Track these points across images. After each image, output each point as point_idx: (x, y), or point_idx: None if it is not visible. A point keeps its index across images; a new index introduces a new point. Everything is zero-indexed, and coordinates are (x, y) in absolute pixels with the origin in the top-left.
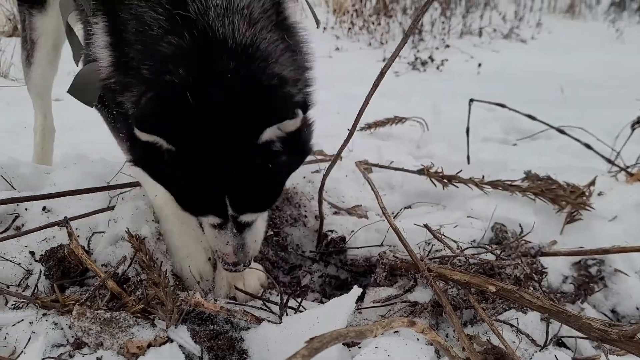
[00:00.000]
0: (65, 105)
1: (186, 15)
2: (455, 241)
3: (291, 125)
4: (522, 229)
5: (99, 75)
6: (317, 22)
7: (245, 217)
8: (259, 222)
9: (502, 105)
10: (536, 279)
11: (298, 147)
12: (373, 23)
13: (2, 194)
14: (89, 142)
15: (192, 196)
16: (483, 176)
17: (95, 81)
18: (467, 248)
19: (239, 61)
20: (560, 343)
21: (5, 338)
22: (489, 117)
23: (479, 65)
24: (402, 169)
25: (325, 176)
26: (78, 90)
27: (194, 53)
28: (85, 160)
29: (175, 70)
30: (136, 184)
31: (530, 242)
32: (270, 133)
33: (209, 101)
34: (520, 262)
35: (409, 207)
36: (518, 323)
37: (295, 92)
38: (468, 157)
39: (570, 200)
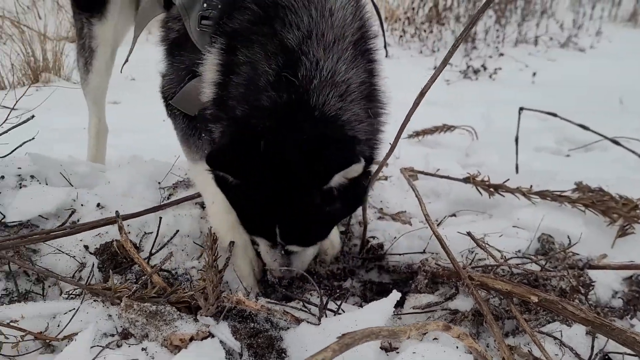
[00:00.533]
0: (122, 108)
1: (292, 80)
2: (499, 251)
3: (354, 171)
4: (570, 240)
5: (199, 92)
6: (386, 49)
7: (293, 248)
8: (309, 249)
9: (554, 115)
10: (582, 292)
11: (354, 195)
12: (425, 31)
13: (60, 190)
14: (143, 143)
15: (249, 219)
16: (531, 186)
17: (196, 97)
18: (511, 258)
19: (318, 126)
20: (606, 359)
21: (58, 325)
22: (542, 127)
23: (534, 74)
24: (448, 177)
25: (370, 182)
26: (183, 102)
27: (283, 111)
28: (138, 160)
29: (262, 118)
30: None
31: (578, 254)
32: (336, 179)
33: (279, 147)
34: (566, 274)
35: (454, 215)
36: (562, 336)
37: (365, 149)
38: (517, 166)
39: (622, 213)
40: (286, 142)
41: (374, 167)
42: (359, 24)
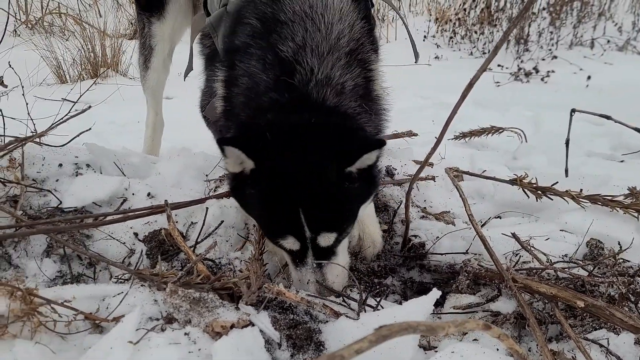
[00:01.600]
0: (175, 103)
1: (290, 82)
2: (545, 254)
3: (370, 159)
4: (620, 247)
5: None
6: (417, 56)
7: (322, 240)
8: (340, 257)
9: (607, 117)
10: (632, 300)
11: (371, 178)
12: (476, 32)
13: (113, 179)
14: (194, 137)
15: (271, 217)
16: (581, 190)
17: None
18: (558, 262)
19: (321, 115)
20: None
21: (107, 308)
22: (596, 132)
23: (589, 77)
24: (494, 178)
25: (412, 181)
26: (211, 112)
27: (286, 106)
28: (187, 153)
29: (264, 115)
30: None
31: (629, 261)
32: (357, 164)
33: (291, 137)
34: (615, 281)
35: (499, 217)
36: (608, 344)
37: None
38: (566, 170)
39: None
40: (298, 126)
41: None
42: (356, 36)
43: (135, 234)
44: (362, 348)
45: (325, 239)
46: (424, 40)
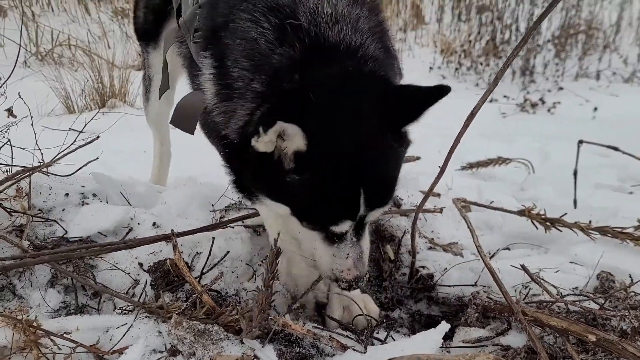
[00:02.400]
0: (181, 132)
1: (299, 25)
2: (555, 286)
3: None
4: (632, 279)
5: (199, 105)
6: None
7: (372, 216)
8: (367, 234)
9: (615, 148)
10: None
11: (406, 137)
12: (481, 64)
13: (119, 209)
14: (200, 166)
15: (324, 200)
16: (590, 221)
17: (194, 112)
18: (568, 295)
19: (353, 61)
20: None
21: (110, 339)
22: (604, 163)
23: (595, 109)
24: (502, 209)
25: (417, 211)
26: (179, 120)
27: (307, 59)
28: (193, 182)
29: (290, 78)
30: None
31: None
32: None
33: (338, 97)
34: (627, 314)
35: (508, 248)
36: None
37: None
38: (575, 201)
39: None
40: (341, 82)
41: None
42: None
43: (140, 264)
44: None
45: (376, 214)
46: (429, 71)
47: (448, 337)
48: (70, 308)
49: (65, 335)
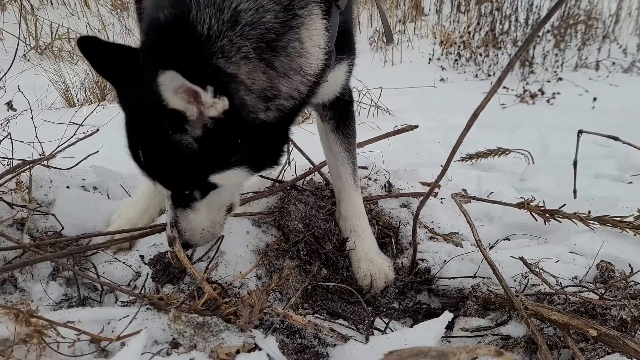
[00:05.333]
0: None
1: None
2: (554, 276)
3: (211, 106)
4: (632, 269)
5: None
6: (390, 37)
7: (164, 191)
8: (197, 214)
9: (615, 138)
10: None
11: (225, 142)
12: (481, 55)
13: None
14: None
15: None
16: (589, 211)
17: None
18: (568, 286)
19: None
20: None
21: (112, 331)
22: (603, 153)
23: (594, 99)
24: (501, 202)
25: (419, 207)
26: None
27: (162, 27)
28: None
29: (147, 33)
30: None
31: None
32: (178, 103)
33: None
34: (627, 304)
35: (507, 238)
36: None
37: (248, 96)
38: (574, 191)
39: None
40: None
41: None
42: None
43: (142, 257)
44: None
45: (165, 192)
46: (429, 62)
47: (448, 327)
48: (72, 300)
49: (68, 324)
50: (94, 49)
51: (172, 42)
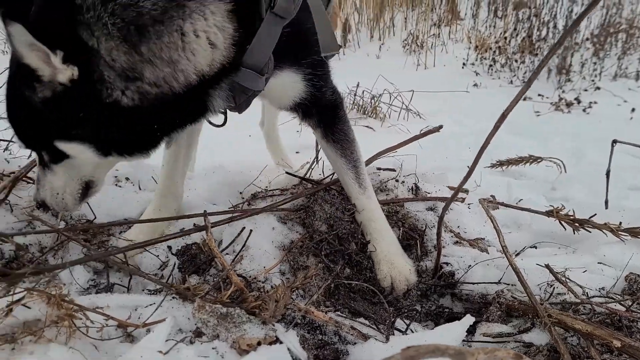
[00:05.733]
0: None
1: None
2: (581, 286)
3: (60, 72)
4: None
5: None
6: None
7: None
8: (53, 175)
9: None
10: None
11: (71, 108)
12: (516, 61)
13: (150, 194)
14: (230, 155)
15: None
16: (620, 222)
17: None
18: (594, 296)
19: None
20: None
21: (139, 318)
22: (639, 165)
23: (633, 110)
24: (529, 209)
25: (444, 209)
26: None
27: None
28: (222, 170)
29: None
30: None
31: None
32: (36, 62)
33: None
34: None
35: (535, 246)
36: None
37: (105, 68)
38: (606, 202)
39: None
40: None
41: None
42: None
43: (169, 247)
44: None
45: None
46: (462, 67)
47: (470, 331)
48: (100, 286)
49: (97, 309)
50: None
51: (49, 3)
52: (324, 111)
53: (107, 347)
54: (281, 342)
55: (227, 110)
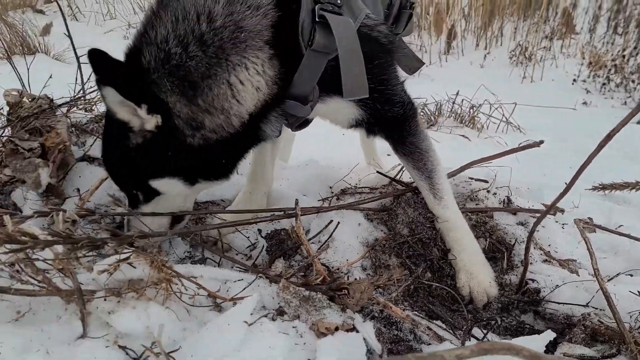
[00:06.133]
0: None
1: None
2: None
3: (147, 120)
4: None
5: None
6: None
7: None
8: (148, 208)
9: None
10: None
11: (155, 152)
12: (634, 81)
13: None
14: (323, 151)
15: None
16: None
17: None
18: None
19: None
20: None
21: (227, 290)
22: None
23: None
24: (628, 235)
25: (535, 224)
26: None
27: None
28: (315, 164)
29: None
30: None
31: None
32: (123, 113)
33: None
34: None
35: (630, 274)
36: None
37: (179, 106)
38: None
39: None
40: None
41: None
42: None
43: (259, 230)
44: (463, 355)
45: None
46: (572, 83)
47: (549, 350)
48: (194, 258)
49: (192, 279)
50: (98, 59)
51: (126, 66)
52: (390, 126)
53: (197, 313)
54: (358, 331)
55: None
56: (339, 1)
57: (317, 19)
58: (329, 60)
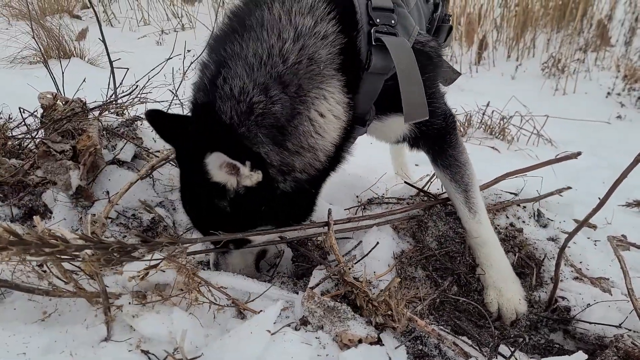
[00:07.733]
0: None
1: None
2: None
3: (246, 176)
4: None
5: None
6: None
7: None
8: (237, 254)
9: None
10: None
11: (254, 204)
12: None
13: None
14: (353, 159)
15: None
16: None
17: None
18: None
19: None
20: None
21: (253, 300)
22: None
23: None
24: None
25: (567, 240)
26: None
27: (203, 89)
28: (342, 172)
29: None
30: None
31: None
32: (221, 175)
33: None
34: None
35: None
36: None
37: (275, 164)
38: None
39: None
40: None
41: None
42: (300, 54)
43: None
44: None
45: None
46: (606, 96)
47: None
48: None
49: (220, 288)
50: (158, 120)
51: (209, 127)
52: (432, 140)
53: (220, 319)
54: (382, 344)
55: None
56: (392, 21)
57: (373, 42)
58: (386, 80)
